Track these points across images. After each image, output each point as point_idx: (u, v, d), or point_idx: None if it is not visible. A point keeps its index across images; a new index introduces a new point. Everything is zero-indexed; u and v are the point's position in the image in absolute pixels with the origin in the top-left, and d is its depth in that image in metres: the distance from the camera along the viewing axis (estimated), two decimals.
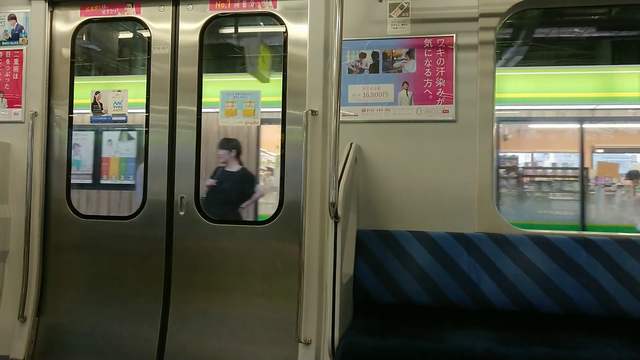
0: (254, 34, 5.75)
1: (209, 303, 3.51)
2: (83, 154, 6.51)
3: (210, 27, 3.64)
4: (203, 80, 3.58)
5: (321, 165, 3.25)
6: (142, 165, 3.67)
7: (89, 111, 3.77)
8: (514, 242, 2.96)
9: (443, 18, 3.22)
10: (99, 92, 3.74)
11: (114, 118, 3.73)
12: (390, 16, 3.28)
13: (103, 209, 6.71)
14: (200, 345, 3.46)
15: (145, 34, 3.70)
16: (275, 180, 6.06)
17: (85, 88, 3.90)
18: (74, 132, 3.78)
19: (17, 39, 3.78)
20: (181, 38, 3.63)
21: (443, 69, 3.20)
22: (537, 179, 7.39)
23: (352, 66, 3.31)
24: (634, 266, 2.84)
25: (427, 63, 3.22)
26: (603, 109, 7.00)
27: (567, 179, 7.19)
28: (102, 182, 6.77)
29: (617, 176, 7.03)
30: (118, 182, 6.73)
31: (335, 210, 2.61)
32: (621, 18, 7.53)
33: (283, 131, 3.47)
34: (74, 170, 3.82)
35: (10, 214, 3.68)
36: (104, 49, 5.57)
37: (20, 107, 3.74)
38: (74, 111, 3.78)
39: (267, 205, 5.20)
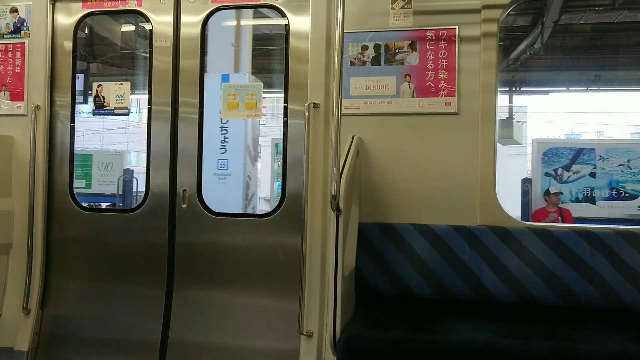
0: None
1: (211, 295, 3.52)
2: None
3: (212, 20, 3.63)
4: None
5: (323, 158, 3.24)
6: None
7: None
8: (516, 235, 2.95)
9: (445, 10, 3.20)
10: (101, 84, 3.74)
11: (116, 111, 3.74)
12: (392, 8, 3.26)
13: None
14: (203, 337, 3.47)
15: (147, 26, 3.69)
16: None
17: None
18: None
19: (19, 32, 3.77)
20: (183, 30, 3.61)
21: (445, 61, 3.18)
22: None
23: (354, 59, 3.30)
24: (636, 259, 2.83)
25: (430, 55, 3.20)
26: None
27: None
28: None
29: None
30: None
31: (337, 203, 2.60)
32: None
33: (285, 124, 3.47)
34: None
35: (13, 207, 3.69)
36: None
37: (22, 100, 3.74)
38: None
39: None
